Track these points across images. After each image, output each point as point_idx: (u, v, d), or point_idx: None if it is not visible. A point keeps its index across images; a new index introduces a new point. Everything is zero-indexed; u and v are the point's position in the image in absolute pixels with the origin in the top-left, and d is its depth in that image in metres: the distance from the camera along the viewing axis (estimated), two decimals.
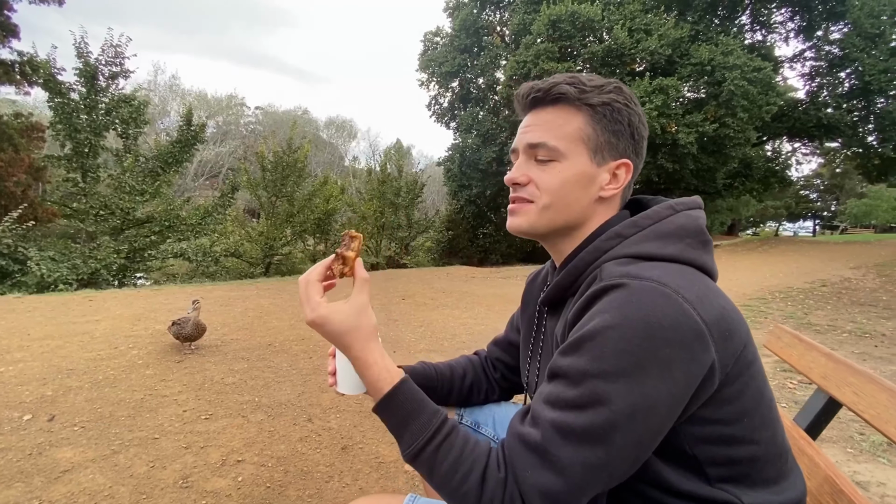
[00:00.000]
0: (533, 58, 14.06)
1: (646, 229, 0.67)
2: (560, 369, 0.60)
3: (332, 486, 1.72)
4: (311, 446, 2.00)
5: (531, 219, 0.73)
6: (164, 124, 31.34)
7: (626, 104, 0.70)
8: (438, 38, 19.75)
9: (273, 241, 13.43)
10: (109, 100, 9.96)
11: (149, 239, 10.39)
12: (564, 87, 0.70)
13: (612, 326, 0.56)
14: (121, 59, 10.04)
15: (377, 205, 15.51)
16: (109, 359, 2.95)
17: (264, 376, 2.80)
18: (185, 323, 3.06)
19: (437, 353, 3.50)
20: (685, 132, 12.58)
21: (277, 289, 6.46)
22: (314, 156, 29.07)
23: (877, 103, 15.46)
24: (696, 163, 13.59)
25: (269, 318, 4.34)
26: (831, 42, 15.74)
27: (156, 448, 1.90)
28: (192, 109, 11.73)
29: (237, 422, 2.18)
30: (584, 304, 0.62)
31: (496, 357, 1.07)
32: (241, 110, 42.90)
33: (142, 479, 1.69)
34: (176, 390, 2.51)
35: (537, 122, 0.72)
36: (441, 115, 20.11)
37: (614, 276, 0.60)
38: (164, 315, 4.20)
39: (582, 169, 0.70)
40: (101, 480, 1.67)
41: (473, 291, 6.83)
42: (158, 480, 1.68)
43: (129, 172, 10.18)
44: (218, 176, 33.71)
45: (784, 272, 8.86)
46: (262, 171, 13.56)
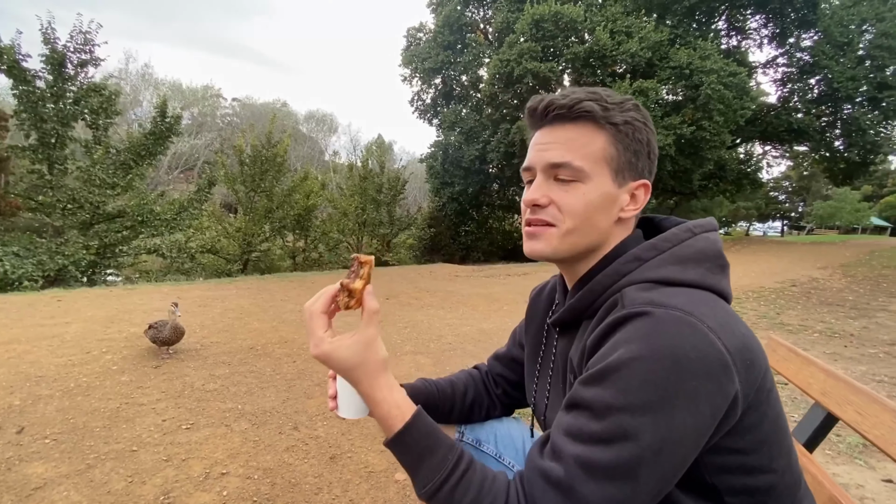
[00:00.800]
0: (516, 57, 14.11)
1: (665, 253, 0.65)
2: (583, 400, 0.58)
3: (321, 498, 1.68)
4: (299, 456, 1.95)
5: (553, 243, 0.70)
6: (136, 115, 30.26)
7: (644, 123, 0.69)
8: (422, 33, 19.61)
9: (251, 238, 13.12)
10: (78, 88, 9.52)
11: (120, 234, 10.01)
12: (589, 105, 0.67)
13: (638, 358, 0.54)
14: (90, 47, 9.60)
15: (358, 201, 15.31)
16: (81, 364, 2.82)
17: (247, 382, 2.72)
18: (162, 326, 2.94)
19: (423, 355, 3.47)
20: (664, 134, 12.83)
21: (258, 288, 6.31)
22: (293, 150, 28.57)
23: (844, 110, 16.13)
24: (674, 164, 13.90)
25: (250, 320, 4.23)
26: (802, 49, 16.31)
27: (134, 461, 1.82)
28: (166, 100, 11.30)
29: (220, 431, 2.11)
30: (605, 331, 0.60)
31: (497, 373, 1.05)
32: (218, 102, 41.78)
33: (120, 495, 1.62)
34: (154, 398, 2.41)
35: (557, 139, 0.69)
36: (424, 112, 20.00)
37: (638, 303, 0.59)
38: (139, 317, 4.05)
39: (605, 190, 0.68)
40: (75, 498, 1.59)
41: (458, 291, 6.82)
42: (138, 497, 1.61)
43: (100, 165, 9.76)
44: (193, 169, 32.79)
45: (756, 272, 9.15)
46: (240, 165, 13.21)
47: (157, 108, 10.88)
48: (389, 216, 16.08)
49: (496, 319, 4.80)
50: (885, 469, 1.88)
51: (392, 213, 16.19)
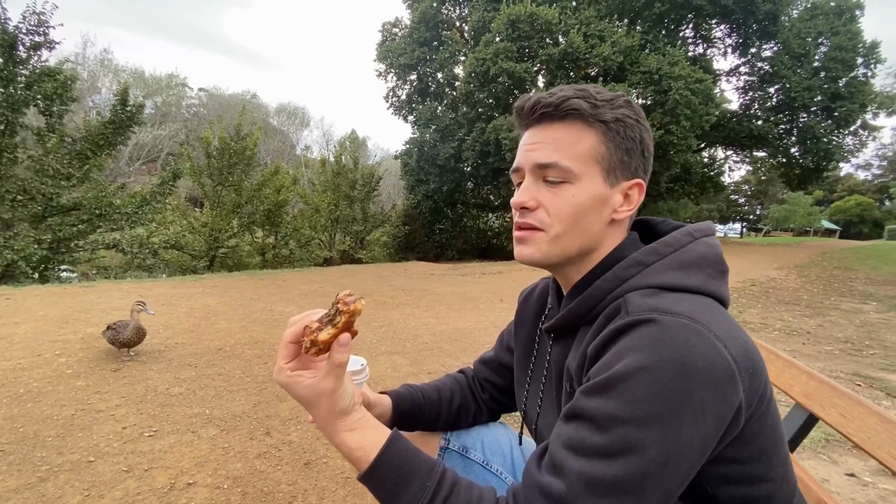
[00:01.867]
0: (492, 56, 14.16)
1: (666, 257, 0.64)
2: (585, 411, 0.55)
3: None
4: (271, 463, 1.87)
5: (543, 248, 0.67)
6: (94, 102, 28.71)
7: (637, 119, 0.67)
8: (397, 29, 19.42)
9: (218, 233, 12.67)
10: (30, 72, 8.92)
11: (76, 228, 9.46)
12: (577, 102, 0.64)
13: (645, 368, 0.52)
14: (45, 28, 9.00)
15: (331, 197, 15.03)
16: (32, 368, 2.62)
17: (215, 385, 2.60)
18: (122, 327, 2.77)
19: (400, 355, 3.42)
20: None
21: (225, 286, 6.09)
22: (263, 143, 27.76)
23: (800, 118, 17.01)
24: None
25: (218, 319, 4.07)
26: (763, 59, 17.09)
27: (91, 473, 1.70)
28: (127, 88, 10.73)
29: (186, 438, 2.00)
30: (608, 338, 0.58)
31: (484, 377, 1.02)
32: (183, 91, 40.14)
33: None
34: (113, 404, 2.27)
35: (545, 139, 0.67)
36: (399, 108, 19.83)
37: (643, 310, 0.57)
38: (96, 316, 3.82)
39: (596, 191, 0.66)
40: None
41: (433, 289, 6.78)
42: None
43: (53, 154, 9.19)
44: (156, 161, 31.42)
45: None
46: (207, 158, 12.72)
47: (118, 96, 10.32)
48: (363, 213, 15.87)
49: (472, 318, 4.79)
50: (846, 463, 1.97)
51: (366, 209, 15.99)
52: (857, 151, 19.76)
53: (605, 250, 0.69)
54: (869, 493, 1.76)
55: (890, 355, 3.68)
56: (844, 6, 16.28)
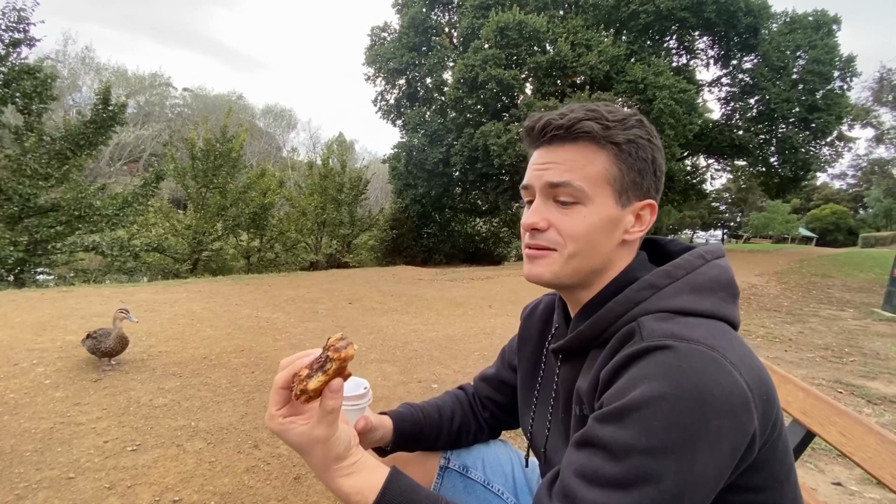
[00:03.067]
0: (481, 62, 14.26)
1: (679, 280, 0.63)
2: (598, 440, 0.55)
3: None
4: (260, 478, 1.82)
5: (555, 269, 0.67)
6: (74, 100, 28.04)
7: (648, 140, 0.66)
8: (386, 33, 19.42)
9: (202, 236, 12.43)
10: (9, 70, 8.67)
11: (54, 230, 9.19)
12: (588, 125, 0.64)
13: (662, 397, 0.52)
14: (24, 25, 8.78)
15: (318, 200, 14.88)
16: (8, 378, 2.52)
17: (201, 396, 2.54)
18: (104, 336, 2.69)
19: (390, 363, 3.39)
20: None
21: (210, 291, 5.96)
22: (249, 145, 27.45)
23: (779, 128, 17.48)
24: None
25: (203, 326, 3.98)
26: (744, 71, 17.55)
27: (71, 490, 1.63)
28: (109, 86, 10.48)
29: (171, 452, 1.94)
30: (621, 363, 0.57)
31: (485, 395, 1.01)
32: (167, 91, 39.52)
33: None
34: (94, 416, 2.19)
35: (556, 159, 0.66)
36: (387, 112, 19.80)
37: (658, 336, 0.57)
38: (75, 323, 3.70)
39: (608, 213, 0.65)
40: None
41: (422, 295, 6.75)
42: None
43: (32, 154, 8.92)
44: (138, 161, 30.79)
45: None
46: (192, 159, 12.50)
47: (100, 95, 10.08)
48: (350, 216, 15.76)
49: (462, 324, 4.78)
50: (833, 472, 2.00)
51: (353, 213, 15.88)
52: (833, 161, 20.41)
53: (614, 271, 0.69)
54: (856, 502, 1.80)
55: (868, 363, 3.78)
56: (822, 21, 16.83)
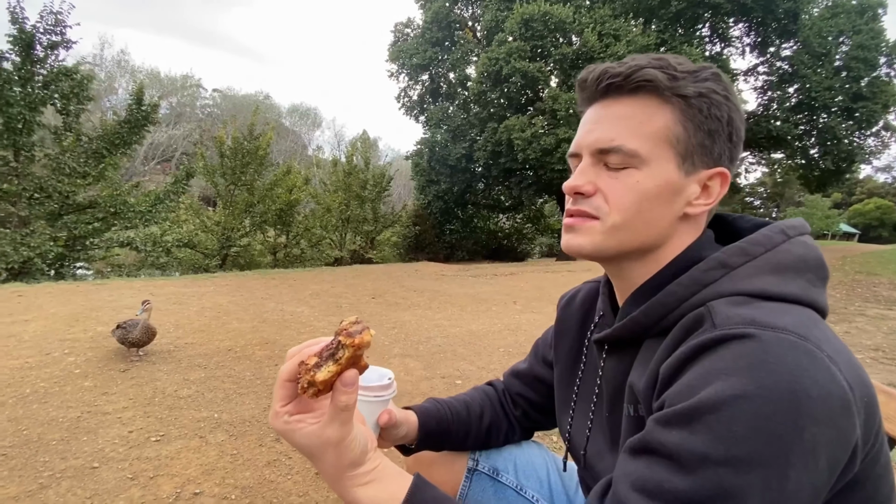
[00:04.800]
0: (505, 55, 14.05)
1: (757, 259, 0.52)
2: (662, 446, 0.45)
3: None
4: (281, 472, 1.78)
5: (596, 240, 0.58)
6: (110, 102, 29.19)
7: (726, 96, 0.55)
8: (409, 29, 19.38)
9: (231, 232, 12.73)
10: (48, 72, 9.02)
11: (91, 226, 9.55)
12: (651, 73, 0.54)
13: (744, 396, 0.42)
14: (62, 28, 9.11)
15: (342, 197, 15.02)
16: (40, 368, 2.58)
17: (224, 388, 2.53)
18: (131, 326, 2.72)
19: (413, 358, 3.33)
20: None
21: (236, 285, 6.05)
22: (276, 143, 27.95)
23: (820, 119, 16.58)
24: None
25: (229, 319, 4.02)
26: (782, 58, 16.71)
27: (94, 480, 1.63)
28: (143, 87, 10.81)
29: (193, 444, 1.93)
30: (688, 355, 0.47)
31: (517, 392, 0.92)
32: (198, 92, 40.72)
33: None
34: (120, 406, 2.21)
35: (610, 116, 0.57)
36: (410, 108, 19.79)
37: (735, 322, 0.46)
38: (107, 314, 3.79)
39: (667, 178, 0.55)
40: None
41: (445, 290, 6.69)
42: None
43: (70, 152, 9.29)
44: (171, 160, 31.83)
45: None
46: (221, 158, 12.79)
47: (134, 96, 10.41)
48: (374, 213, 15.85)
49: (485, 321, 4.68)
50: None
51: (376, 210, 15.96)
52: (878, 153, 19.19)
53: (674, 249, 0.59)
54: None
55: None
56: (866, 4, 15.84)
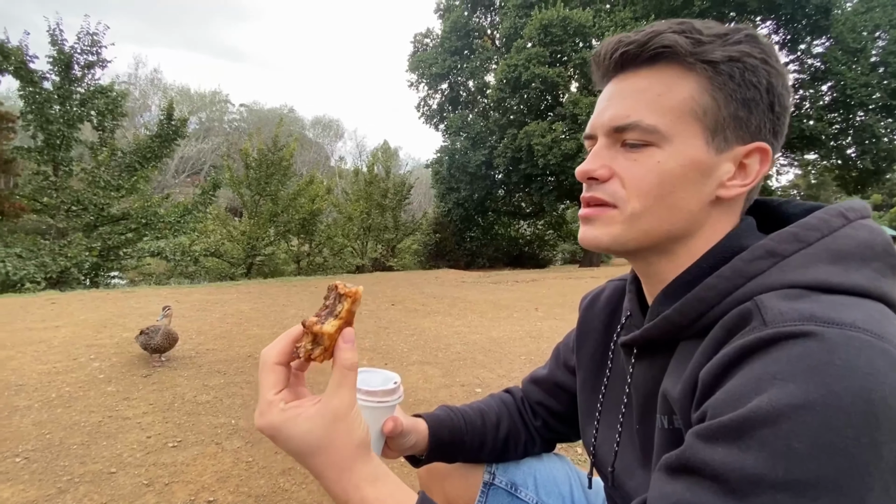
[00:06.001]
0: (524, 62, 14.02)
1: (813, 245, 0.45)
2: (705, 465, 0.38)
3: None
4: (296, 481, 1.74)
5: (614, 231, 0.51)
6: (144, 119, 30.46)
7: (763, 59, 0.47)
8: (428, 39, 19.61)
9: (256, 241, 13.00)
10: (85, 90, 9.49)
11: (124, 237, 9.93)
12: (671, 37, 0.47)
13: (806, 406, 0.34)
14: (98, 48, 9.58)
15: (364, 206, 15.19)
16: (66, 372, 2.64)
17: (242, 394, 2.53)
18: (153, 332, 2.76)
19: (432, 365, 3.27)
20: None
21: (259, 292, 6.13)
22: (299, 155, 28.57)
23: (857, 116, 15.87)
24: None
25: (250, 325, 4.05)
26: (814, 55, 16.11)
27: (111, 485, 1.63)
28: (173, 103, 11.26)
29: (210, 450, 1.91)
30: (734, 358, 0.40)
31: (537, 400, 0.84)
32: (225, 107, 42.11)
33: None
34: (140, 411, 2.22)
35: (626, 90, 0.50)
36: (430, 117, 19.95)
37: (790, 319, 0.39)
38: (133, 321, 3.87)
39: (693, 157, 0.48)
40: None
41: (465, 297, 6.61)
42: None
43: (105, 167, 9.71)
44: (200, 173, 32.91)
45: None
46: (246, 169, 13.14)
47: (164, 111, 10.82)
48: (394, 221, 15.95)
49: (506, 327, 4.58)
50: None
51: (397, 218, 16.06)
52: None
53: (709, 238, 0.51)
54: None
55: None
56: None
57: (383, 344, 3.80)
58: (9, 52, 9.07)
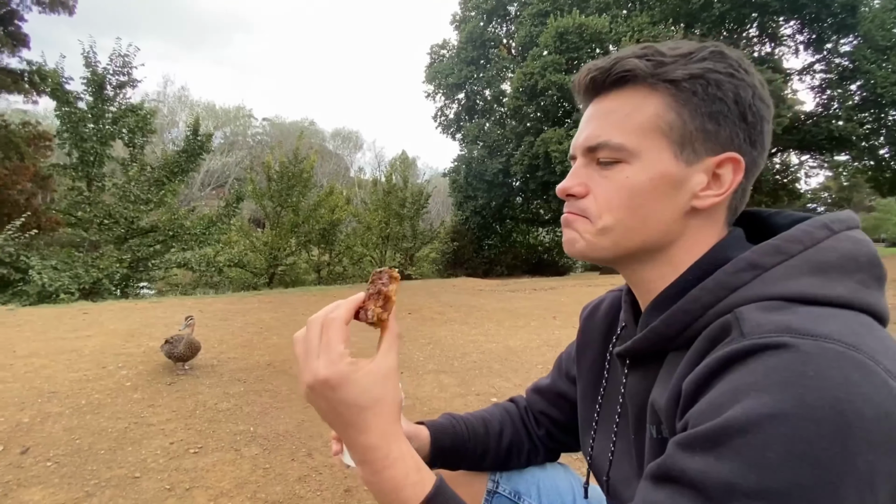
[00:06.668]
0: (540, 69, 14.04)
1: (795, 257, 0.45)
2: (683, 473, 0.39)
3: None
4: (311, 488, 1.77)
5: (587, 238, 0.54)
6: (172, 135, 31.58)
7: (729, 74, 0.49)
8: (445, 50, 19.84)
9: (278, 252, 13.28)
10: (116, 109, 9.93)
11: (152, 248, 10.28)
12: (631, 62, 0.50)
13: (779, 416, 0.35)
14: (128, 69, 10.04)
15: (382, 215, 15.36)
16: (96, 380, 2.75)
17: (262, 402, 2.58)
18: (177, 342, 2.85)
19: (447, 374, 3.27)
20: None
21: (279, 302, 6.26)
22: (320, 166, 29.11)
23: (889, 115, 15.29)
24: None
25: (270, 334, 4.14)
26: (841, 54, 15.63)
27: (135, 490, 1.69)
28: (199, 119, 11.67)
29: (229, 457, 1.96)
30: (713, 369, 0.41)
31: (540, 410, 0.85)
32: (249, 121, 43.33)
33: None
34: (164, 418, 2.29)
35: (598, 113, 0.54)
36: (447, 127, 20.11)
37: (767, 330, 0.40)
38: (159, 330, 4.00)
39: (662, 170, 0.50)
40: None
41: (482, 306, 6.60)
42: None
43: (134, 181, 10.10)
44: (224, 186, 33.84)
45: None
46: (268, 181, 13.47)
47: (190, 127, 11.23)
48: (412, 230, 16.05)
49: (523, 336, 4.55)
50: None
51: (415, 227, 16.16)
52: None
53: (690, 249, 0.53)
54: None
55: None
56: None
57: (399, 353, 3.82)
58: (46, 74, 9.60)
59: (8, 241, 8.44)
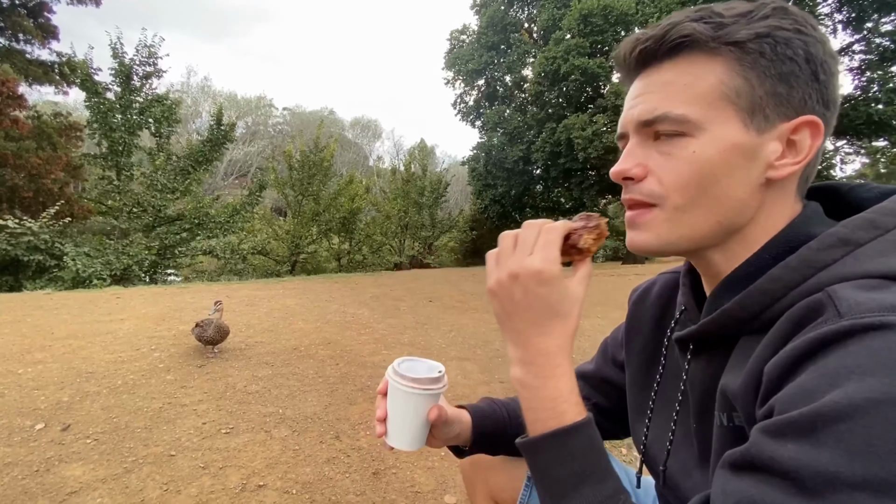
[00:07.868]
0: (563, 54, 13.69)
1: (892, 231, 0.41)
2: (773, 462, 0.35)
3: None
4: (340, 469, 1.79)
5: (661, 232, 0.49)
6: (196, 125, 32.16)
7: (797, 30, 0.44)
8: (465, 36, 19.52)
9: (299, 240, 13.48)
10: (143, 99, 10.13)
11: (179, 236, 10.54)
12: (689, 26, 0.45)
13: (888, 401, 0.31)
14: (154, 60, 10.20)
15: (401, 204, 15.40)
16: (130, 361, 2.83)
17: (289, 385, 2.62)
18: (207, 325, 2.92)
19: (470, 362, 3.27)
20: None
21: (303, 288, 6.35)
22: (340, 155, 29.32)
23: None
24: None
25: (295, 320, 4.20)
26: (882, 34, 14.78)
27: (171, 467, 1.73)
28: (222, 109, 11.81)
29: (259, 437, 2.00)
30: (805, 351, 0.37)
31: (584, 396, 0.81)
32: (270, 111, 43.80)
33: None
34: (196, 399, 2.35)
35: (651, 86, 0.49)
36: (466, 114, 19.87)
37: (868, 310, 0.36)
38: (189, 315, 4.10)
39: (732, 140, 0.45)
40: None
41: None
42: None
43: (161, 170, 10.33)
44: (247, 175, 34.39)
45: None
46: (290, 170, 13.63)
47: (214, 117, 11.39)
48: (431, 219, 16.06)
49: None
50: None
51: (434, 215, 16.17)
52: None
53: (767, 224, 0.48)
54: None
55: None
56: None
57: (421, 339, 3.83)
58: (75, 66, 9.82)
59: (43, 229, 8.75)
